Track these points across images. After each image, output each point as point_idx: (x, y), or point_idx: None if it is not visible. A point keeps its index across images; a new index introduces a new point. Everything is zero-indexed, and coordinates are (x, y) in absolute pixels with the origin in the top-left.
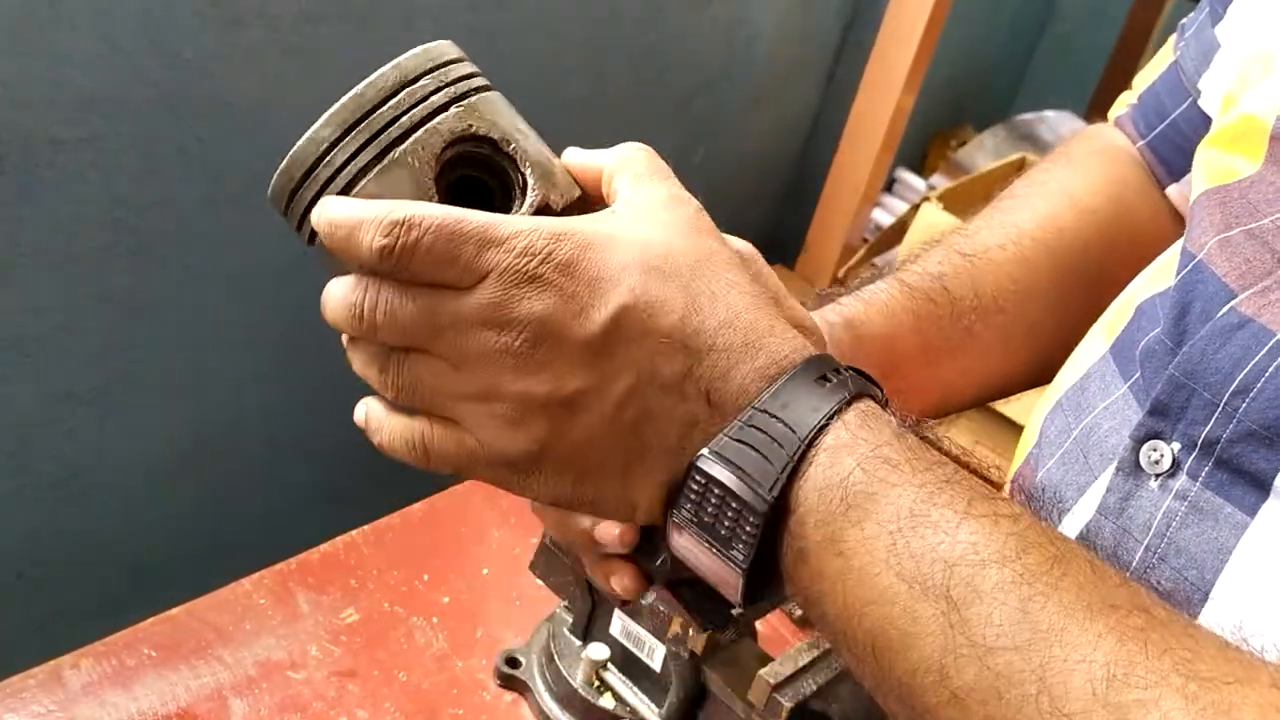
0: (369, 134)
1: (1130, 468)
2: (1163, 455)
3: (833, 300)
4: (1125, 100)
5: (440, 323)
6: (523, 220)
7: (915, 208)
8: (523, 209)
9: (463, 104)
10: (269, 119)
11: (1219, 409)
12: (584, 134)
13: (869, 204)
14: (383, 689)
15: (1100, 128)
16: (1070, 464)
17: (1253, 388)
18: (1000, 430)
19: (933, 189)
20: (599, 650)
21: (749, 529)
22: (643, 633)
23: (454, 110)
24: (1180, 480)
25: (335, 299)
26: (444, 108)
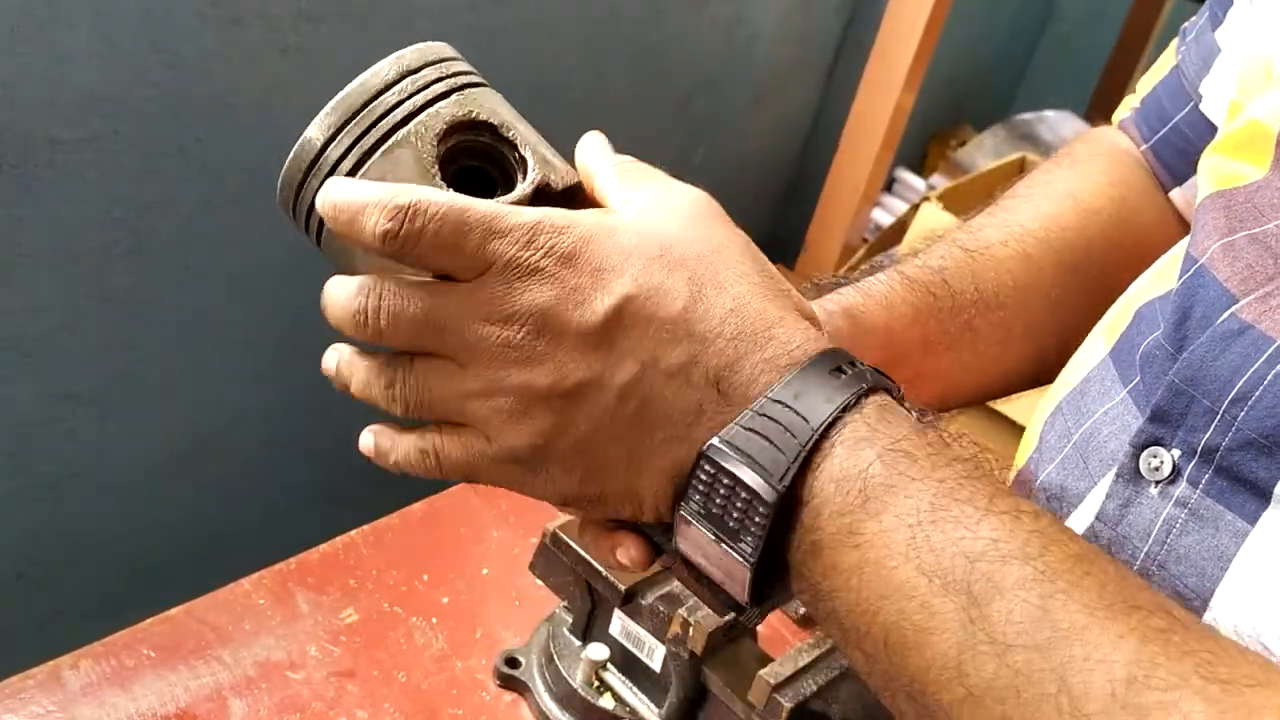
0: (373, 118)
1: (1130, 474)
2: (1163, 462)
3: (831, 290)
4: (1128, 103)
5: (444, 318)
6: (527, 212)
7: (915, 207)
8: (524, 186)
9: (463, 93)
10: (269, 119)
11: (1218, 416)
12: (584, 134)
13: (869, 204)
14: (382, 689)
15: (1104, 130)
16: (1070, 468)
17: (1251, 395)
18: (1000, 430)
19: (932, 189)
20: (598, 650)
21: (759, 520)
22: (642, 633)
23: (454, 98)
24: (1180, 487)
25: (338, 301)
26: (445, 95)
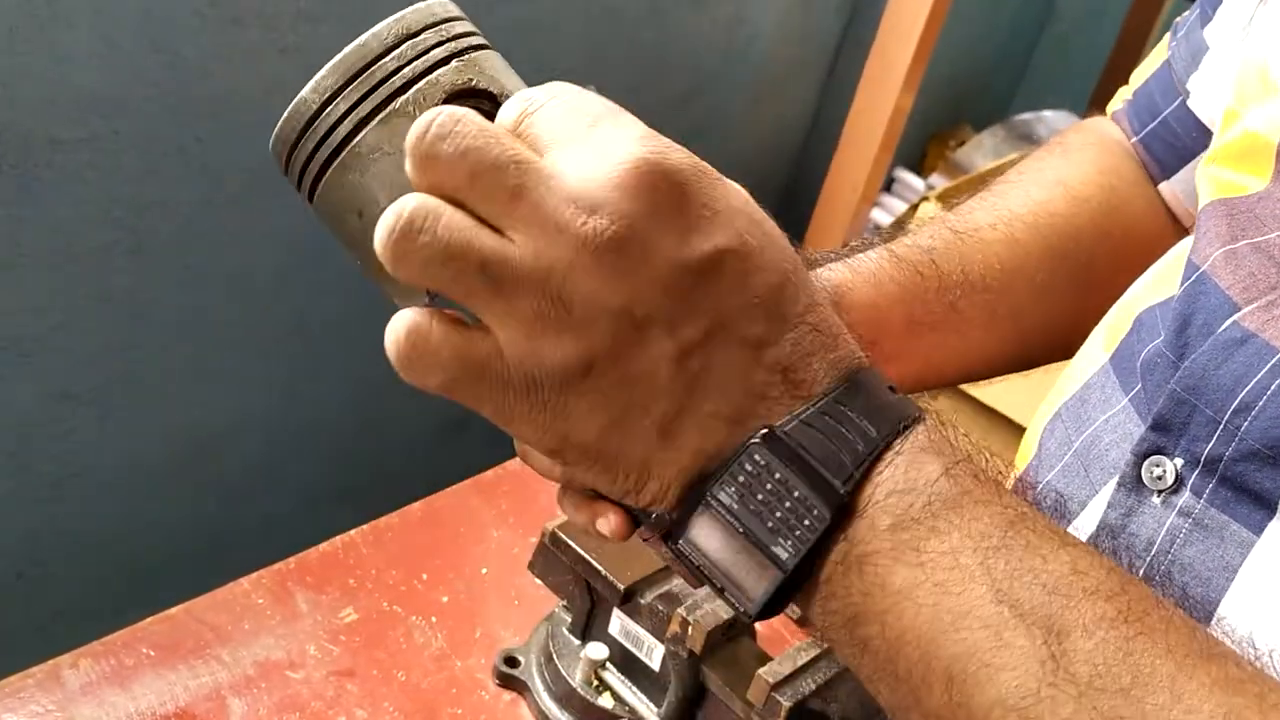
0: (371, 84)
1: (1132, 483)
2: (1165, 471)
3: (820, 265)
4: (1122, 95)
5: (527, 177)
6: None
7: (914, 207)
8: None
9: (463, 58)
10: (268, 118)
11: (1221, 427)
12: None
13: (868, 203)
14: (381, 688)
15: (1097, 120)
16: (1071, 476)
17: (1254, 406)
18: (1001, 431)
19: (931, 189)
20: (598, 650)
21: (809, 523)
22: (641, 632)
23: (455, 64)
24: (1184, 497)
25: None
26: (445, 61)
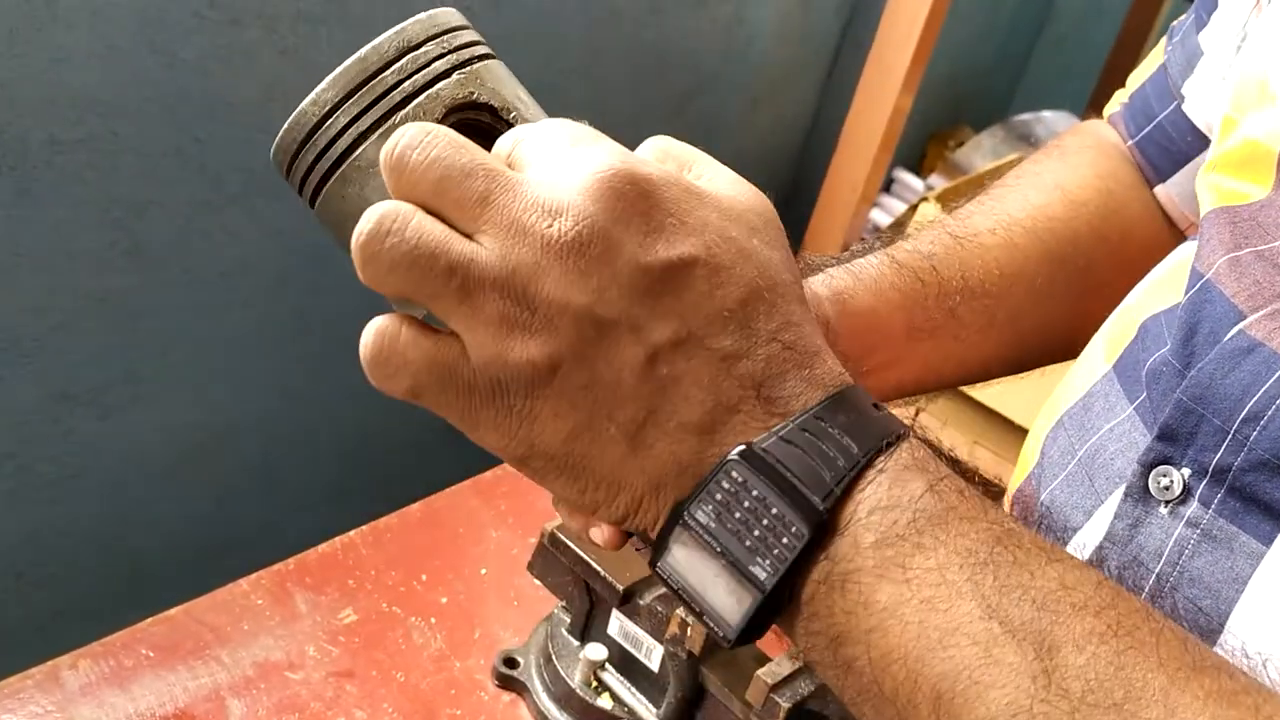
0: (371, 98)
1: (1139, 493)
2: (1173, 481)
3: (820, 270)
4: (1119, 99)
5: (495, 184)
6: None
7: (913, 208)
8: None
9: (465, 71)
10: (267, 119)
11: (1229, 436)
12: None
13: (867, 204)
14: (381, 689)
15: (1094, 123)
16: (1075, 486)
17: (1263, 415)
18: (1001, 431)
19: (931, 189)
20: (597, 650)
21: (787, 541)
22: (640, 633)
23: (456, 77)
24: (1192, 507)
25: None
26: (446, 74)
